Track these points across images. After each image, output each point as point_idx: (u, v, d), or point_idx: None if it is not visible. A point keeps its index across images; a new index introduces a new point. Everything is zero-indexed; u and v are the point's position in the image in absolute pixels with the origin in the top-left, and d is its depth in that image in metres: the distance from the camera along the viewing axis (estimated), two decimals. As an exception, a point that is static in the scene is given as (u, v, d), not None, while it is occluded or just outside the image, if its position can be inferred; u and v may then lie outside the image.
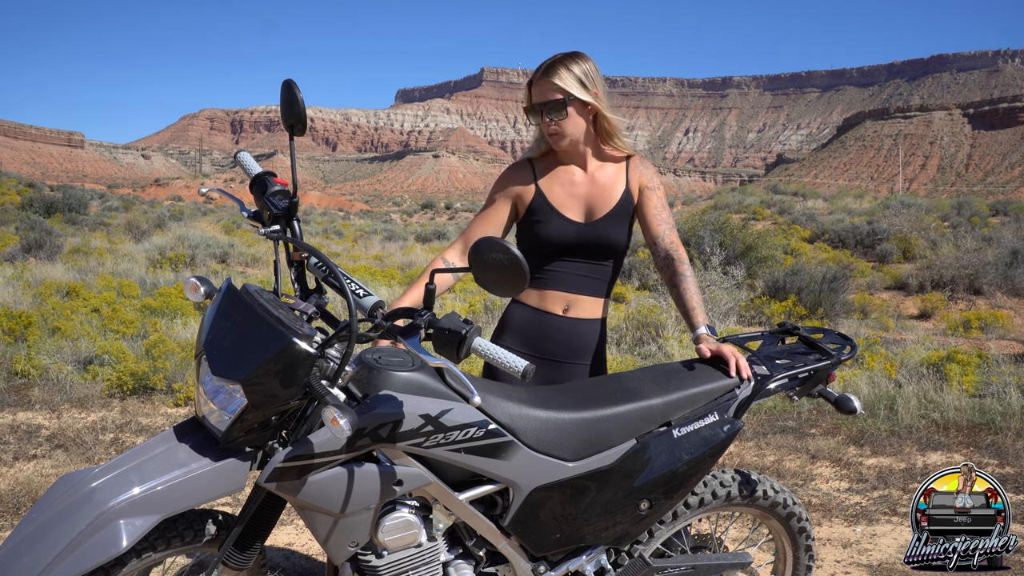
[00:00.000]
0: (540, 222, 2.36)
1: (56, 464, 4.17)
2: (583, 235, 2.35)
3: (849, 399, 2.20)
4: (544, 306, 2.39)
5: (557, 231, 2.35)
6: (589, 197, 2.38)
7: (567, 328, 2.38)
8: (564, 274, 2.37)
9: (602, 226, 2.36)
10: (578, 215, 2.38)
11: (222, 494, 1.65)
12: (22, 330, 6.83)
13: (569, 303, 2.38)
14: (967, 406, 5.26)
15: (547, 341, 2.38)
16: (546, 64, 2.30)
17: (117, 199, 36.91)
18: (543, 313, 2.39)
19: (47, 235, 13.97)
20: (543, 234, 2.36)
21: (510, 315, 2.45)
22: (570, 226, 2.36)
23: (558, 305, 2.38)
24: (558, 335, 2.38)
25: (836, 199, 28.41)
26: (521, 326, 2.41)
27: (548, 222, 2.36)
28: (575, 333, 2.39)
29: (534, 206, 2.38)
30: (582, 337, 2.40)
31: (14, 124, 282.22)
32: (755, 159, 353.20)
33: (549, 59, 2.32)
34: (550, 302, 2.38)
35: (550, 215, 2.36)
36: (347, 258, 16.58)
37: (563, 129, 2.30)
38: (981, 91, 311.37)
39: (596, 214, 2.37)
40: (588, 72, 2.29)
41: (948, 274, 11.72)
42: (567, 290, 2.38)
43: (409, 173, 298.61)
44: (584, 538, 1.99)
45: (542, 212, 2.37)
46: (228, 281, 1.79)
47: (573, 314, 2.39)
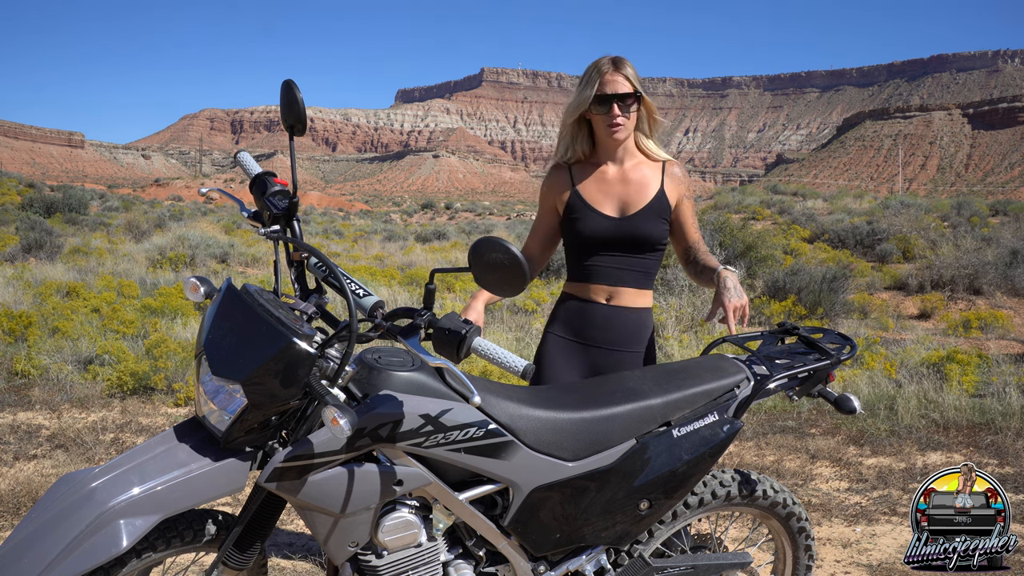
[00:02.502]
0: (577, 219, 2.49)
1: (56, 464, 4.17)
2: (619, 229, 2.47)
3: (849, 399, 2.20)
4: (588, 296, 2.52)
5: (593, 226, 2.47)
6: (623, 194, 2.50)
7: (609, 315, 2.49)
8: (604, 267, 2.49)
9: (636, 220, 2.47)
10: (612, 210, 2.49)
11: (222, 494, 1.65)
12: (22, 330, 6.83)
13: (611, 294, 2.50)
14: (967, 406, 5.26)
15: (589, 327, 2.51)
16: (614, 59, 2.43)
17: (117, 199, 36.91)
18: (586, 302, 2.52)
19: (47, 235, 13.97)
20: (580, 229, 2.48)
21: (561, 306, 2.59)
22: (605, 221, 2.48)
23: (601, 296, 2.51)
24: (600, 321, 2.49)
25: (836, 199, 28.39)
26: (566, 315, 2.55)
27: (584, 218, 2.48)
28: (617, 320, 2.49)
29: (571, 204, 2.52)
30: (624, 324, 2.50)
31: (14, 124, 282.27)
32: (755, 159, 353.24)
33: (609, 56, 2.44)
34: (593, 293, 2.51)
35: (586, 212, 2.49)
36: (347, 258, 16.57)
37: (628, 123, 2.44)
38: (981, 91, 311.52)
39: (630, 209, 2.48)
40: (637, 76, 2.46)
41: (948, 274, 11.71)
42: (608, 283, 2.50)
43: (409, 173, 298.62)
44: (584, 538, 1.99)
45: (578, 209, 2.50)
46: (228, 281, 1.80)
47: (616, 303, 2.50)
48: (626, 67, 2.41)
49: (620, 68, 2.40)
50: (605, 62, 2.42)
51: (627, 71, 2.41)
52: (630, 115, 2.43)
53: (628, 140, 2.49)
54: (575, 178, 2.54)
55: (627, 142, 2.50)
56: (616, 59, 2.43)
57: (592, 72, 2.43)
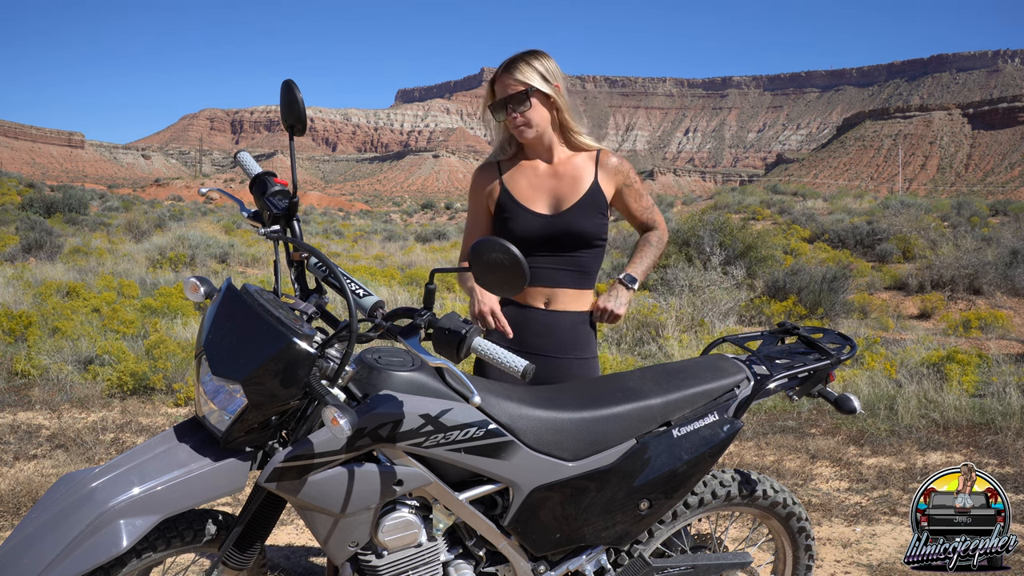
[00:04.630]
0: (508, 218, 2.41)
1: (56, 464, 4.17)
2: (551, 226, 2.38)
3: (849, 399, 2.20)
4: (525, 301, 2.42)
5: (524, 224, 2.39)
6: (555, 189, 2.42)
7: (548, 321, 2.40)
8: (539, 268, 2.40)
9: (570, 216, 2.38)
10: (544, 207, 2.41)
11: (222, 494, 1.65)
12: (22, 330, 6.83)
13: (549, 297, 2.41)
14: (967, 406, 5.26)
15: (530, 335, 2.40)
16: (506, 62, 2.37)
17: (117, 199, 36.92)
18: (525, 308, 2.42)
19: (47, 235, 13.97)
20: (512, 229, 2.39)
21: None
22: (537, 219, 2.39)
23: (539, 300, 2.42)
24: (540, 328, 2.40)
25: (836, 199, 28.40)
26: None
27: (515, 217, 2.40)
28: (557, 326, 2.41)
29: (501, 203, 2.43)
30: (565, 330, 2.41)
31: (14, 124, 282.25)
32: (755, 159, 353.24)
33: (508, 58, 2.39)
34: (531, 297, 2.42)
35: (516, 210, 2.40)
36: (347, 258, 16.58)
37: (529, 119, 2.35)
38: (981, 91, 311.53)
39: (563, 205, 2.40)
40: (548, 68, 2.37)
41: (948, 274, 11.71)
42: (545, 284, 2.40)
43: (409, 173, 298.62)
44: (584, 538, 1.99)
45: (509, 208, 2.41)
46: (228, 281, 1.80)
47: (555, 307, 2.42)
48: (518, 67, 2.34)
49: (510, 70, 2.34)
50: (499, 68, 2.37)
51: (519, 71, 2.33)
52: (528, 114, 2.34)
53: (547, 135, 2.41)
54: (503, 174, 2.46)
55: (547, 137, 2.41)
56: (510, 61, 2.36)
57: (490, 80, 2.40)
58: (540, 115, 2.37)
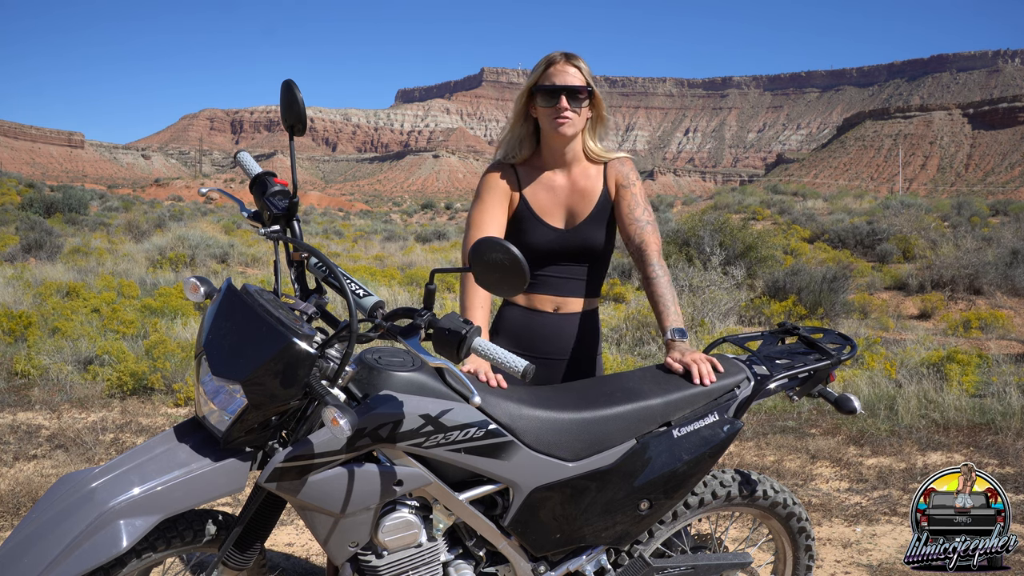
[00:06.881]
0: (524, 230, 2.39)
1: (56, 464, 4.17)
2: (565, 241, 2.38)
3: (849, 399, 2.20)
4: (533, 306, 2.42)
5: (540, 238, 2.38)
6: (570, 203, 2.40)
7: (557, 327, 2.41)
8: (550, 278, 2.40)
9: (583, 230, 2.38)
10: (559, 221, 2.40)
11: (222, 494, 1.65)
12: (22, 330, 6.83)
13: (558, 305, 2.42)
14: (967, 406, 5.26)
15: (538, 339, 2.41)
16: (564, 52, 2.32)
17: (117, 199, 36.93)
18: (533, 311, 2.42)
19: (47, 235, 13.98)
20: (527, 241, 2.38)
21: (503, 317, 2.48)
22: (552, 233, 2.38)
23: (547, 305, 2.42)
24: (549, 331, 2.40)
25: (836, 199, 28.41)
26: (511, 326, 2.44)
27: (532, 230, 2.38)
28: (565, 329, 2.42)
29: (519, 213, 2.40)
30: (573, 332, 2.42)
31: (14, 124, 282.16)
32: (755, 159, 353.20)
33: (561, 51, 2.33)
34: (539, 303, 2.42)
35: (534, 223, 2.39)
36: (347, 258, 16.57)
37: (576, 119, 2.31)
38: (981, 91, 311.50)
39: (577, 219, 2.39)
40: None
41: (948, 274, 11.71)
42: (555, 293, 2.41)
43: (409, 173, 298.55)
44: (584, 538, 1.99)
45: (526, 220, 2.39)
46: (228, 281, 1.79)
47: (564, 311, 2.42)
48: (578, 61, 2.30)
49: (575, 61, 2.30)
50: (557, 55, 2.32)
51: (579, 64, 2.30)
52: (580, 110, 2.30)
53: (575, 142, 2.37)
54: (522, 182, 2.41)
55: (574, 144, 2.37)
56: (569, 53, 2.32)
57: (542, 64, 2.32)
58: (584, 118, 2.34)
